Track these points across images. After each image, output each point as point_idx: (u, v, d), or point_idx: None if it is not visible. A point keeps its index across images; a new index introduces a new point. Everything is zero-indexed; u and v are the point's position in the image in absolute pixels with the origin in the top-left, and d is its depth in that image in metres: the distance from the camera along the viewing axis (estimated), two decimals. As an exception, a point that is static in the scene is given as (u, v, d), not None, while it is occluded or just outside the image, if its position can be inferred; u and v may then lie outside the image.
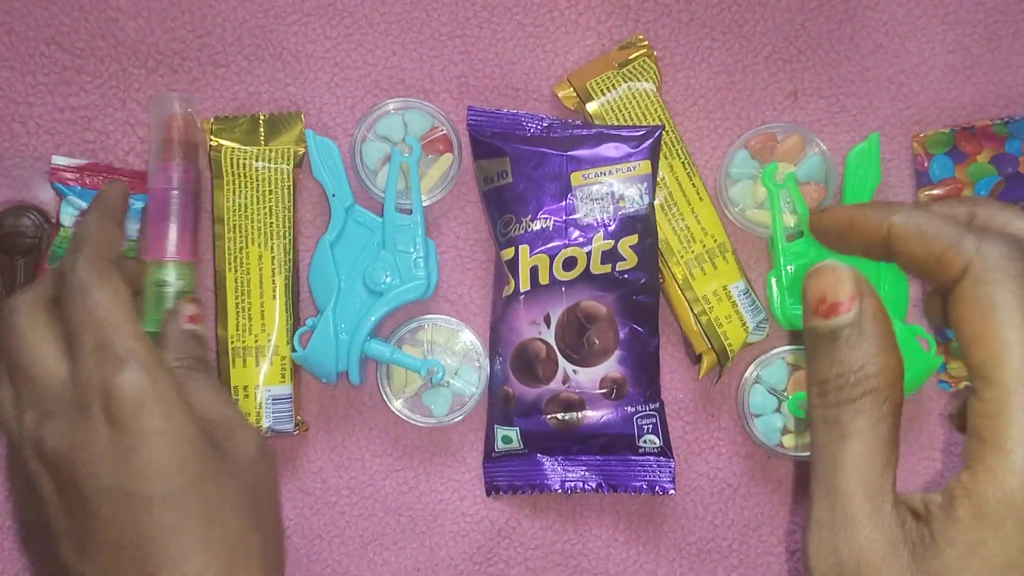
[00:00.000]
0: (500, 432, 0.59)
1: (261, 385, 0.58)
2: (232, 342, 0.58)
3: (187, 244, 0.58)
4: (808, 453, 0.53)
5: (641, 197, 0.58)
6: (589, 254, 0.57)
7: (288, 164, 0.59)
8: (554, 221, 0.58)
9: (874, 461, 0.30)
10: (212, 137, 0.60)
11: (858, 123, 0.62)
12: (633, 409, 0.58)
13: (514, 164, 0.58)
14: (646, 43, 0.61)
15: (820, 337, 0.31)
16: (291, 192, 0.59)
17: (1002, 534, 0.27)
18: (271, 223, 0.59)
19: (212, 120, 0.60)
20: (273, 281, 0.59)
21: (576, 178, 0.58)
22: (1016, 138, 0.60)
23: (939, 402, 0.62)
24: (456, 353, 0.61)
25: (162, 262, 0.57)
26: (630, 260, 0.58)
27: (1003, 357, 0.28)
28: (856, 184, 0.60)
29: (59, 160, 0.59)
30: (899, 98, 0.62)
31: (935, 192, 0.61)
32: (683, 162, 0.60)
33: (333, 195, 0.59)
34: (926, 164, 0.61)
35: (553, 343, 0.58)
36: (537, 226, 0.58)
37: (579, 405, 0.58)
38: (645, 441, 0.58)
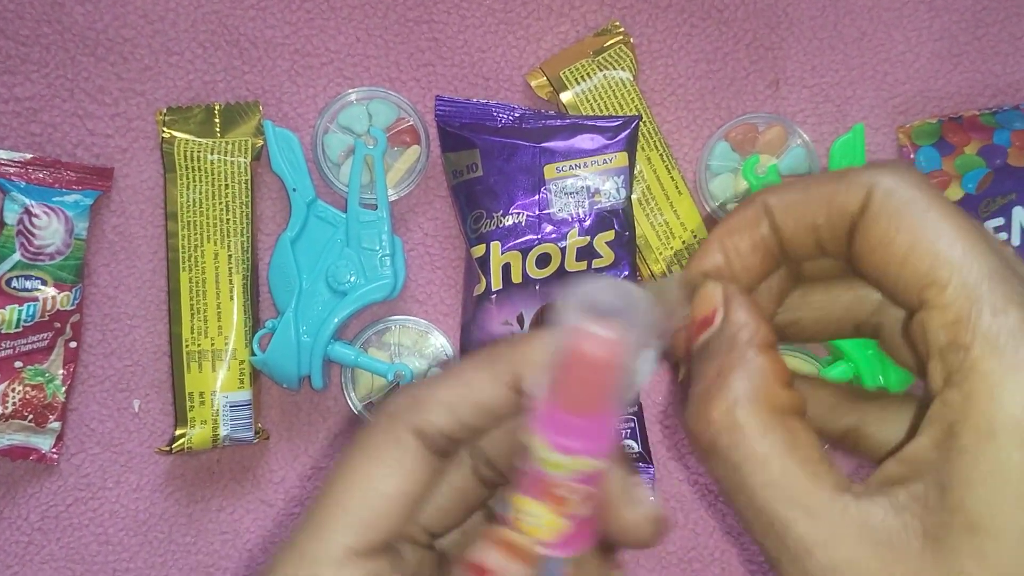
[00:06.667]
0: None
1: (218, 391, 0.55)
2: (187, 346, 0.55)
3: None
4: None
5: (618, 191, 0.55)
6: (564, 251, 0.55)
7: (245, 157, 0.56)
8: (527, 216, 0.55)
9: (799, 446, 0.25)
10: (164, 128, 0.57)
11: (842, 113, 0.60)
12: (610, 413, 0.56)
13: (484, 157, 0.55)
14: (622, 30, 0.59)
15: (697, 356, 0.27)
16: (249, 186, 0.56)
17: None
18: (228, 219, 0.56)
19: (164, 110, 0.57)
20: (230, 281, 0.55)
21: (550, 171, 0.55)
22: (1005, 128, 0.58)
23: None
24: (425, 356, 0.58)
25: None
26: (606, 257, 0.55)
27: (951, 252, 0.24)
28: (841, 177, 0.57)
29: (2, 154, 0.56)
30: (884, 87, 0.60)
31: (922, 185, 0.59)
32: (661, 154, 0.57)
33: (294, 189, 0.56)
34: (912, 156, 0.59)
35: (526, 344, 0.55)
36: (509, 221, 0.55)
37: (554, 409, 0.56)
38: (624, 447, 0.56)
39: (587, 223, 0.55)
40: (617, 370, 0.24)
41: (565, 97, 0.57)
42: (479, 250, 0.55)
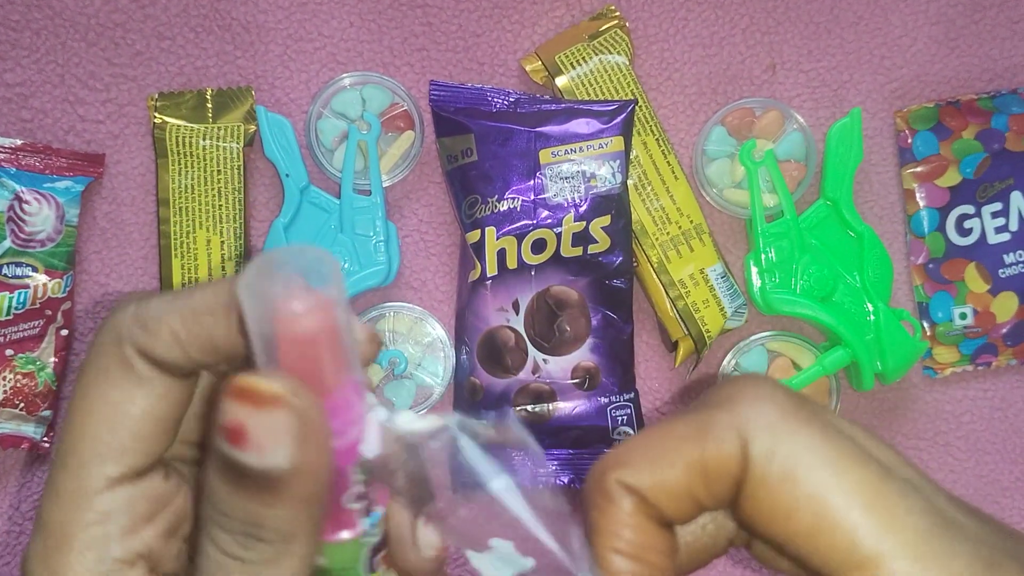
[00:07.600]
0: (467, 425, 0.57)
1: (211, 378, 0.55)
2: (179, 333, 0.55)
3: None
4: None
5: (613, 175, 0.55)
6: (559, 236, 0.54)
7: (238, 142, 0.56)
8: (522, 201, 0.55)
9: None
10: (156, 114, 0.56)
11: (839, 98, 0.60)
12: (607, 400, 0.55)
13: (479, 141, 0.55)
14: (618, 14, 0.58)
15: None
16: (241, 172, 0.56)
17: None
18: (220, 205, 0.55)
19: (156, 96, 0.57)
20: (223, 268, 0.55)
21: (545, 156, 0.55)
22: (1002, 113, 0.58)
23: (925, 390, 0.60)
24: (419, 343, 0.57)
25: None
26: (602, 242, 0.55)
27: (868, 523, 0.22)
28: (837, 162, 0.57)
29: (-8, 140, 0.56)
30: (881, 72, 0.60)
31: (919, 170, 0.59)
32: (657, 139, 0.57)
33: (287, 175, 0.56)
34: (910, 140, 0.59)
35: (522, 331, 0.55)
36: (504, 206, 0.55)
37: (550, 396, 0.55)
38: (619, 433, 0.56)
39: (583, 208, 0.55)
40: (335, 336, 0.22)
41: (560, 82, 0.57)
42: (474, 236, 0.55)
